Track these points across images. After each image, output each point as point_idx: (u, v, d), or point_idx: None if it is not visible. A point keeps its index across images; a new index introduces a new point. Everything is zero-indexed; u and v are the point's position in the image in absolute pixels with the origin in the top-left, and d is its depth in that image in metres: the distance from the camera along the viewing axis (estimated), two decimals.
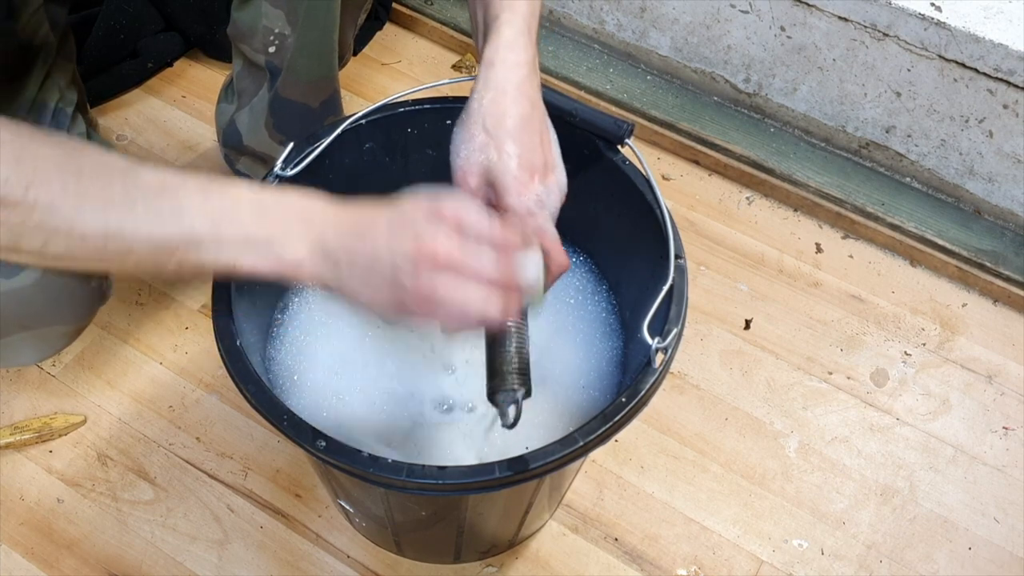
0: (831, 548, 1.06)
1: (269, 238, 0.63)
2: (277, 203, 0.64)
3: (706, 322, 1.23)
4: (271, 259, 0.64)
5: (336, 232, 0.64)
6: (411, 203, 0.64)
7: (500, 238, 0.64)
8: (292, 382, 0.88)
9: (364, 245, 0.63)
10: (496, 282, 0.63)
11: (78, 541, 1.04)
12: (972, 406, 1.17)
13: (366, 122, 0.87)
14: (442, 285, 0.62)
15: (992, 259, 1.27)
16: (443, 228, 0.62)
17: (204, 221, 0.63)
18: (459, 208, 0.63)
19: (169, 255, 0.63)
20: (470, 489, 0.69)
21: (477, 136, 0.75)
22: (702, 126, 1.40)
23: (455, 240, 0.62)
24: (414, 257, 0.62)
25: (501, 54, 0.77)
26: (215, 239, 0.63)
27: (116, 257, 0.64)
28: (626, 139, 0.84)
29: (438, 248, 0.62)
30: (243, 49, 1.08)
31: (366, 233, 0.63)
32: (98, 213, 0.61)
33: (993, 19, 1.17)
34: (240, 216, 0.63)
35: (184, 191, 0.63)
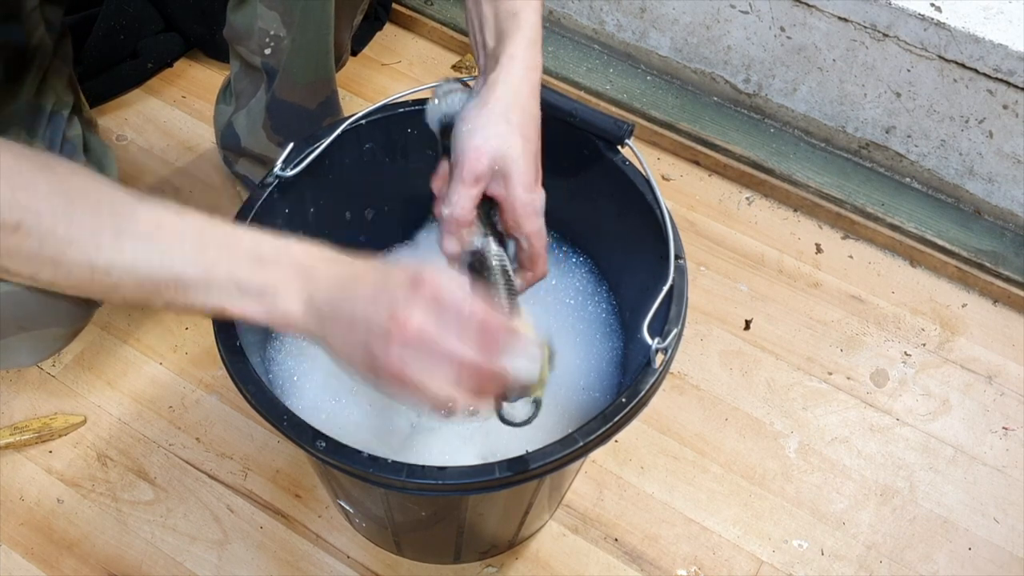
0: (831, 548, 1.06)
1: (262, 289, 0.63)
2: (276, 253, 0.63)
3: (706, 322, 1.23)
4: (262, 308, 0.63)
5: (326, 288, 0.63)
6: (397, 270, 0.62)
7: (481, 318, 0.61)
8: (292, 383, 0.88)
9: (346, 307, 0.62)
10: (469, 365, 0.61)
11: (78, 541, 1.04)
12: (972, 406, 1.17)
13: (366, 122, 0.87)
14: (411, 362, 0.60)
15: (992, 259, 1.27)
16: (420, 301, 0.60)
17: (194, 267, 0.62)
18: (441, 281, 0.61)
19: (156, 294, 0.63)
20: (470, 489, 0.69)
21: (499, 124, 0.75)
22: (702, 126, 1.40)
23: (430, 316, 0.60)
24: (387, 329, 0.60)
25: (524, 52, 0.77)
26: (205, 283, 0.62)
27: (103, 290, 0.63)
28: (626, 139, 0.84)
29: (410, 322, 0.60)
30: (239, 51, 1.08)
31: (350, 295, 0.62)
32: (86, 249, 0.61)
33: (993, 19, 1.17)
34: (235, 264, 0.62)
35: (179, 234, 0.62)
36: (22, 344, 0.92)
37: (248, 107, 1.12)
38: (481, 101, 0.76)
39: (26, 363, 0.95)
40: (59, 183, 0.61)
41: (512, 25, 0.78)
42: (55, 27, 0.97)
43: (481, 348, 0.61)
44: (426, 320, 0.60)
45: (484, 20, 0.80)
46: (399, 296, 0.61)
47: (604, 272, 0.96)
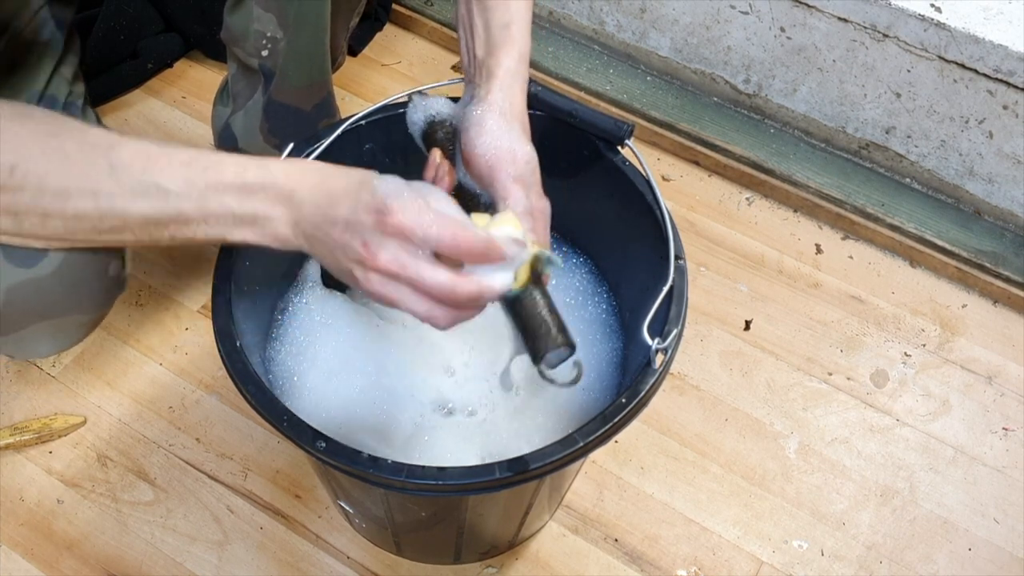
0: (831, 549, 1.06)
1: (254, 217, 0.66)
2: (260, 179, 0.66)
3: (706, 323, 1.23)
4: (259, 234, 0.67)
5: (308, 214, 0.65)
6: (365, 195, 0.63)
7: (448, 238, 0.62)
8: (292, 383, 0.88)
9: (325, 233, 0.65)
10: (439, 288, 0.63)
11: (78, 542, 1.04)
12: (972, 407, 1.17)
13: (366, 123, 0.87)
14: (389, 292, 0.64)
15: (992, 260, 1.27)
16: (388, 242, 0.62)
17: (190, 202, 0.65)
18: (408, 220, 0.62)
19: (162, 229, 0.67)
20: (470, 490, 0.69)
21: (515, 131, 0.76)
22: (702, 127, 1.40)
23: (399, 256, 0.62)
24: (359, 257, 0.63)
25: (518, 65, 0.79)
26: (202, 217, 0.66)
27: (113, 235, 0.67)
28: (626, 140, 0.84)
29: (379, 254, 0.62)
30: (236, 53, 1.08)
31: (327, 221, 0.64)
32: (87, 192, 0.64)
33: (993, 20, 1.17)
34: (225, 196, 0.66)
35: (168, 169, 0.65)
36: (43, 333, 0.91)
37: (245, 109, 1.12)
38: (488, 108, 0.77)
39: (47, 353, 0.94)
40: (47, 131, 0.64)
41: (504, 37, 0.79)
42: (65, 24, 0.97)
43: (450, 283, 0.63)
44: (394, 252, 0.62)
45: (475, 30, 0.81)
46: (367, 227, 0.63)
47: (604, 272, 0.96)
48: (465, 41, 0.82)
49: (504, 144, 0.75)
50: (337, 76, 1.31)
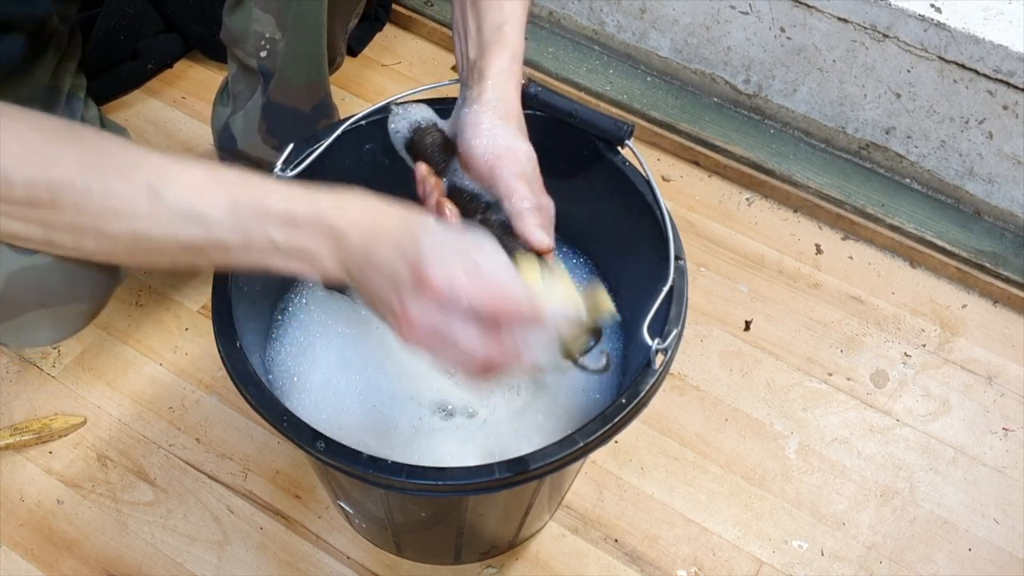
0: (831, 549, 1.06)
1: (300, 251, 0.64)
2: (308, 215, 0.64)
3: (706, 323, 1.23)
4: (304, 267, 0.65)
5: (353, 257, 0.64)
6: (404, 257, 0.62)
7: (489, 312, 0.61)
8: (292, 383, 0.88)
9: (367, 280, 0.64)
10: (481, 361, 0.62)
11: (78, 542, 1.04)
12: (972, 407, 1.17)
13: (366, 123, 0.87)
14: (424, 344, 0.63)
15: (992, 260, 1.27)
16: (422, 299, 0.61)
17: (233, 233, 0.63)
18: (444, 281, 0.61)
19: (200, 256, 0.65)
20: (470, 490, 0.69)
21: (513, 131, 0.76)
22: (702, 127, 1.40)
23: (432, 315, 0.61)
24: (395, 315, 0.63)
25: (511, 66, 0.79)
26: (244, 247, 0.64)
27: (148, 256, 0.65)
28: (626, 140, 0.84)
29: (412, 320, 0.62)
30: (236, 53, 1.08)
31: (370, 270, 0.63)
32: (124, 215, 0.62)
33: (993, 20, 1.17)
34: (269, 227, 0.63)
35: (212, 197, 0.63)
36: (42, 321, 0.90)
37: (245, 109, 1.12)
38: (483, 108, 0.77)
39: (46, 341, 0.93)
40: (88, 151, 0.63)
41: (497, 38, 0.79)
42: (68, 20, 0.97)
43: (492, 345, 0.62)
44: (427, 309, 0.61)
45: (468, 32, 0.81)
46: (404, 282, 0.62)
47: (604, 272, 0.96)
48: (459, 43, 0.82)
49: (503, 142, 0.75)
50: (337, 76, 1.31)
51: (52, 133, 0.63)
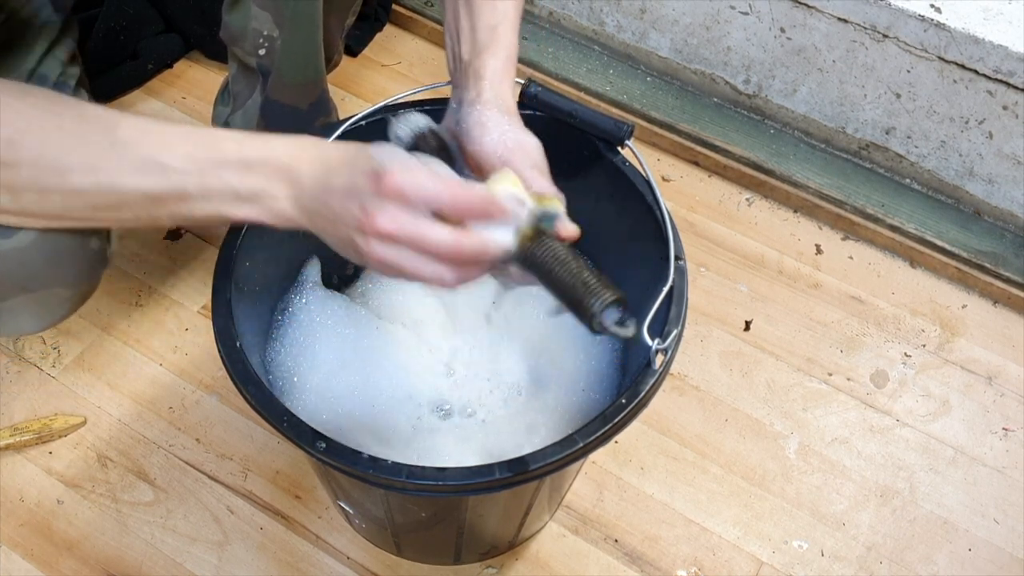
0: (831, 549, 1.06)
1: (255, 194, 0.66)
2: (260, 156, 0.65)
3: (706, 323, 1.23)
4: (260, 211, 0.66)
5: (309, 188, 0.65)
6: (361, 163, 0.63)
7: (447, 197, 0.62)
8: (292, 383, 0.88)
9: (325, 206, 0.65)
10: (444, 247, 0.63)
11: (78, 542, 1.04)
12: (972, 407, 1.17)
13: (366, 123, 0.87)
14: (392, 256, 0.63)
15: (992, 260, 1.27)
16: (387, 204, 0.62)
17: (190, 177, 0.65)
18: (401, 170, 0.62)
19: (161, 206, 0.67)
20: (470, 490, 0.69)
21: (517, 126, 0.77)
22: (702, 127, 1.40)
23: (399, 217, 0.62)
24: (360, 225, 0.63)
25: (505, 66, 0.79)
26: (203, 194, 0.66)
27: (111, 212, 0.67)
28: (626, 140, 0.84)
29: (378, 219, 0.62)
30: (236, 52, 1.08)
31: (327, 193, 0.64)
32: (86, 168, 0.64)
33: (993, 20, 1.17)
34: (225, 172, 0.65)
35: (168, 145, 0.65)
36: (25, 307, 0.89)
37: (244, 108, 1.12)
38: (485, 107, 0.76)
39: (30, 329, 0.92)
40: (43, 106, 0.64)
41: (491, 38, 0.79)
42: (63, 9, 0.97)
43: (454, 240, 0.63)
44: (393, 213, 0.62)
45: (461, 33, 0.80)
46: (365, 192, 0.62)
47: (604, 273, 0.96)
48: (451, 44, 0.82)
49: (512, 136, 0.75)
50: (337, 76, 1.31)
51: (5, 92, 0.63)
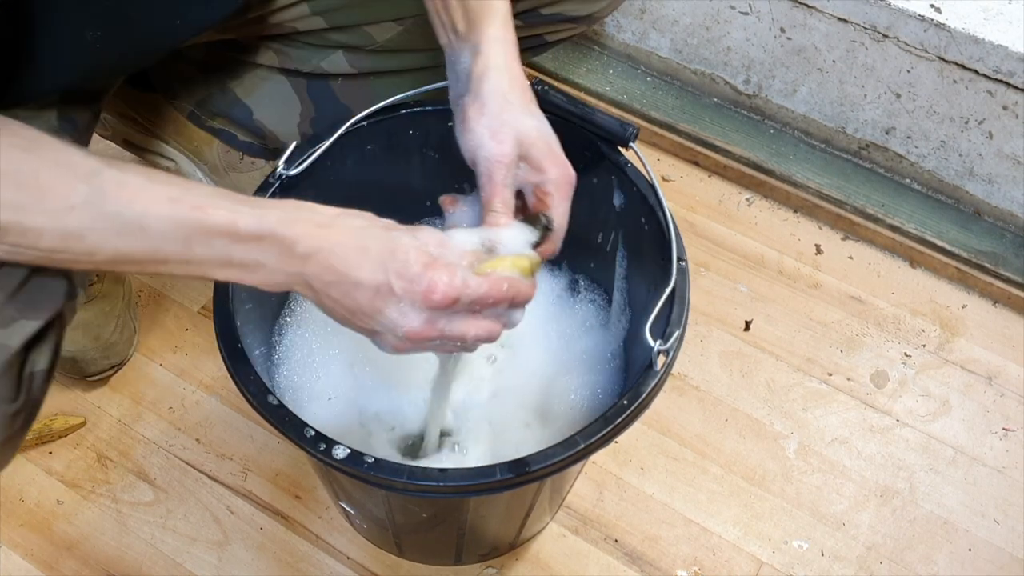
0: (831, 549, 1.06)
1: (244, 263, 0.63)
2: (254, 234, 0.62)
3: (706, 323, 1.23)
4: (249, 277, 0.64)
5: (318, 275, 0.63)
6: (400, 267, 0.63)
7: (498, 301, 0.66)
8: (293, 384, 0.88)
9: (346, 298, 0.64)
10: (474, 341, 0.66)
11: (78, 542, 1.04)
12: (972, 407, 1.17)
13: (368, 124, 0.87)
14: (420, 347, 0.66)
15: (992, 260, 1.27)
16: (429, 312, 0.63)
17: (173, 244, 0.61)
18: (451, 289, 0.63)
19: (136, 266, 0.63)
20: (471, 491, 0.69)
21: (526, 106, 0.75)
22: (702, 127, 1.40)
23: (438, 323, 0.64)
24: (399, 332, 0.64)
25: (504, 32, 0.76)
26: (184, 260, 0.62)
27: (69, 262, 0.62)
28: (631, 142, 0.84)
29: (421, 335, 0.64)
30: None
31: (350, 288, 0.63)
32: (56, 223, 0.59)
33: (993, 20, 1.17)
34: (212, 241, 0.61)
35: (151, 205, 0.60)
36: None
37: None
38: (492, 92, 0.74)
39: None
40: (18, 148, 0.59)
41: (483, 5, 0.76)
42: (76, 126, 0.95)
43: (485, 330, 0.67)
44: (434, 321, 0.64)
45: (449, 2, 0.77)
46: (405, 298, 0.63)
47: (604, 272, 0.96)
48: (438, 13, 0.78)
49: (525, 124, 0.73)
50: None
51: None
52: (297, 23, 0.95)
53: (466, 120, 0.74)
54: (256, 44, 1.00)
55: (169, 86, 1.06)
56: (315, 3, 0.94)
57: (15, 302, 0.66)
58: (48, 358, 0.70)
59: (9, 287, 0.65)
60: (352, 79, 1.00)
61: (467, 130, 0.74)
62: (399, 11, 0.95)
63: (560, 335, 0.93)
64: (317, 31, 0.96)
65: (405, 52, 0.98)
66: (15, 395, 0.68)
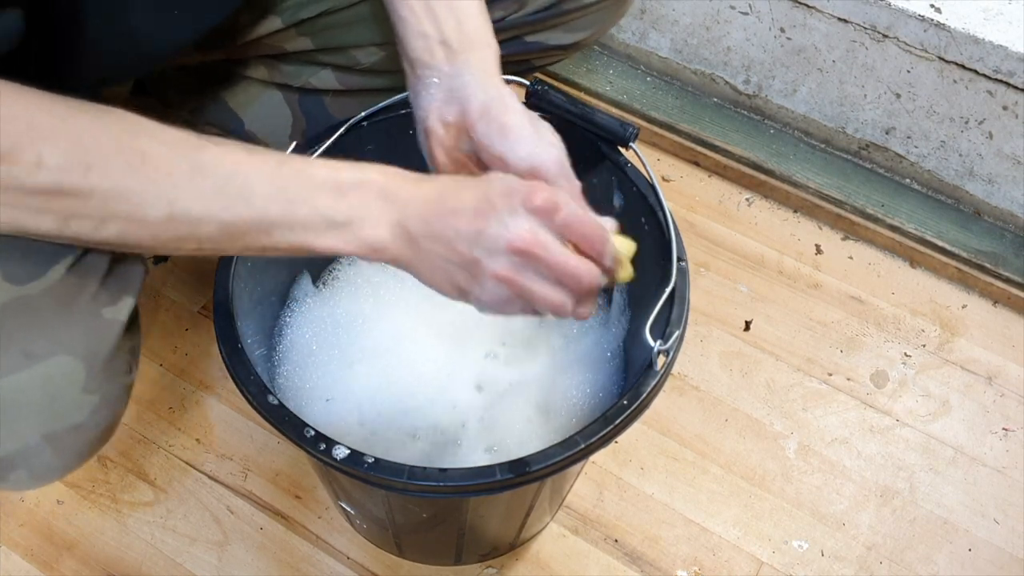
0: (831, 549, 1.06)
1: (348, 220, 0.62)
2: (356, 181, 0.62)
3: (706, 323, 1.23)
4: (351, 241, 0.63)
5: (418, 212, 0.62)
6: (498, 186, 0.62)
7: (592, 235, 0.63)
8: (294, 384, 0.88)
9: (446, 228, 0.62)
10: (578, 288, 0.63)
11: (78, 543, 1.04)
12: (972, 407, 1.17)
13: (367, 124, 0.87)
14: (523, 280, 0.62)
15: (992, 260, 1.27)
16: (531, 219, 0.61)
17: (276, 205, 0.61)
18: (557, 197, 0.62)
19: (237, 238, 0.62)
20: (471, 491, 0.69)
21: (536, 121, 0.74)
22: (702, 127, 1.40)
23: (540, 234, 0.62)
24: (500, 247, 0.61)
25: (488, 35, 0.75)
26: (288, 223, 0.62)
27: (174, 241, 0.62)
28: (631, 142, 0.84)
29: (520, 241, 0.61)
30: None
31: (449, 216, 0.62)
32: (162, 197, 0.59)
33: (993, 20, 1.17)
34: (316, 198, 0.62)
35: (256, 171, 0.61)
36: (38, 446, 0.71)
37: None
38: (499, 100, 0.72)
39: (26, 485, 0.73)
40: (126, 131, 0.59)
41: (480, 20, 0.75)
42: None
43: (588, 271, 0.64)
44: (535, 229, 0.62)
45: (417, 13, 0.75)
46: (504, 208, 0.61)
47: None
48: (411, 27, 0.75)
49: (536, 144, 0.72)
50: None
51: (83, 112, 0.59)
52: (286, 44, 0.96)
53: (508, 129, 0.71)
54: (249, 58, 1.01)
55: (164, 94, 1.07)
56: (301, 26, 0.94)
57: (111, 281, 0.70)
58: (139, 336, 0.75)
59: (99, 273, 0.70)
60: (343, 94, 1.01)
61: (517, 139, 0.71)
62: (380, 36, 0.94)
63: (560, 334, 0.93)
64: (305, 51, 0.97)
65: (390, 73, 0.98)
66: (130, 368, 0.75)
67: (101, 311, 0.70)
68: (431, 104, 0.75)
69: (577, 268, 0.63)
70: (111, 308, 0.71)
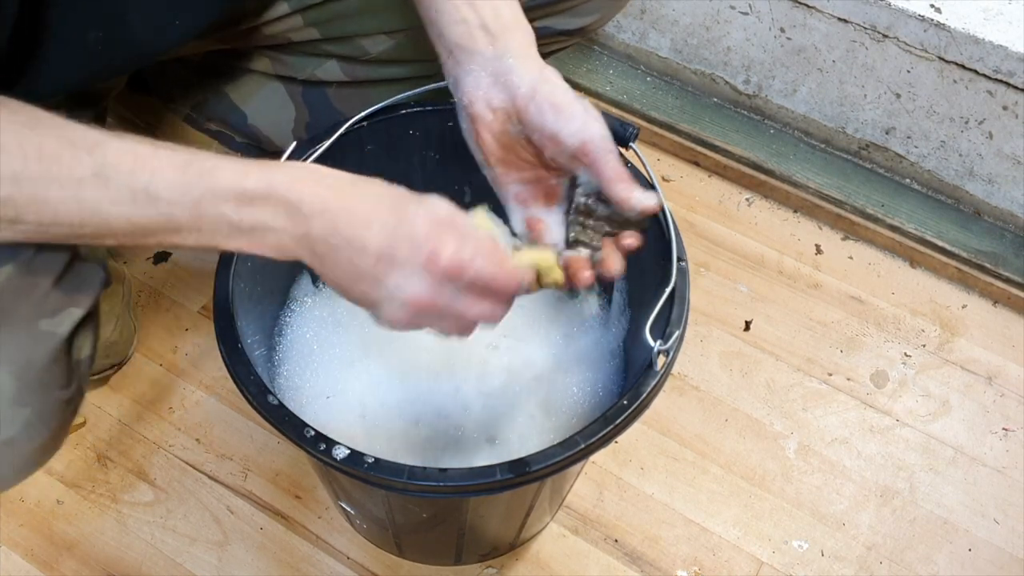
0: (831, 549, 1.06)
1: (252, 228, 0.62)
2: (261, 192, 0.61)
3: (706, 323, 1.23)
4: (259, 246, 0.63)
5: (322, 234, 0.62)
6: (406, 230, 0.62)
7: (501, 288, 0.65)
8: (294, 384, 0.88)
9: (349, 263, 0.62)
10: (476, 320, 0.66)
11: (78, 542, 1.04)
12: (972, 407, 1.17)
13: (368, 124, 0.87)
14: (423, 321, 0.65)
15: (992, 260, 1.27)
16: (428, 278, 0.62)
17: (182, 209, 0.60)
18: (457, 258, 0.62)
19: (148, 236, 0.62)
20: (471, 491, 0.69)
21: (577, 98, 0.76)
22: (702, 127, 1.40)
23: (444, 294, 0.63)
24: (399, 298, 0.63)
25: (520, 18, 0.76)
26: (195, 226, 0.61)
27: (93, 239, 0.62)
28: (631, 143, 0.84)
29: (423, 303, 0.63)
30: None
31: (352, 253, 0.62)
32: (69, 196, 0.59)
33: (993, 20, 1.17)
34: (221, 204, 0.61)
35: (158, 173, 0.60)
36: None
37: None
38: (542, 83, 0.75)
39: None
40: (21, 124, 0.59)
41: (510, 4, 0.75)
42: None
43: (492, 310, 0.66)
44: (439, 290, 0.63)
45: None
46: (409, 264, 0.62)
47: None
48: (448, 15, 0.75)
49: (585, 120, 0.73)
50: None
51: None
52: (291, 34, 0.95)
53: (559, 108, 0.74)
54: (251, 51, 1.00)
55: (166, 90, 1.07)
56: (308, 15, 0.93)
57: (60, 288, 0.68)
58: (91, 345, 0.73)
59: (54, 272, 0.67)
60: (347, 86, 1.01)
61: (569, 116, 0.73)
62: (390, 24, 0.94)
63: (561, 333, 0.93)
64: (311, 41, 0.96)
65: (398, 63, 0.98)
66: (67, 381, 0.71)
67: (39, 322, 0.68)
68: (476, 90, 0.74)
69: (479, 316, 0.65)
70: (50, 320, 0.68)
